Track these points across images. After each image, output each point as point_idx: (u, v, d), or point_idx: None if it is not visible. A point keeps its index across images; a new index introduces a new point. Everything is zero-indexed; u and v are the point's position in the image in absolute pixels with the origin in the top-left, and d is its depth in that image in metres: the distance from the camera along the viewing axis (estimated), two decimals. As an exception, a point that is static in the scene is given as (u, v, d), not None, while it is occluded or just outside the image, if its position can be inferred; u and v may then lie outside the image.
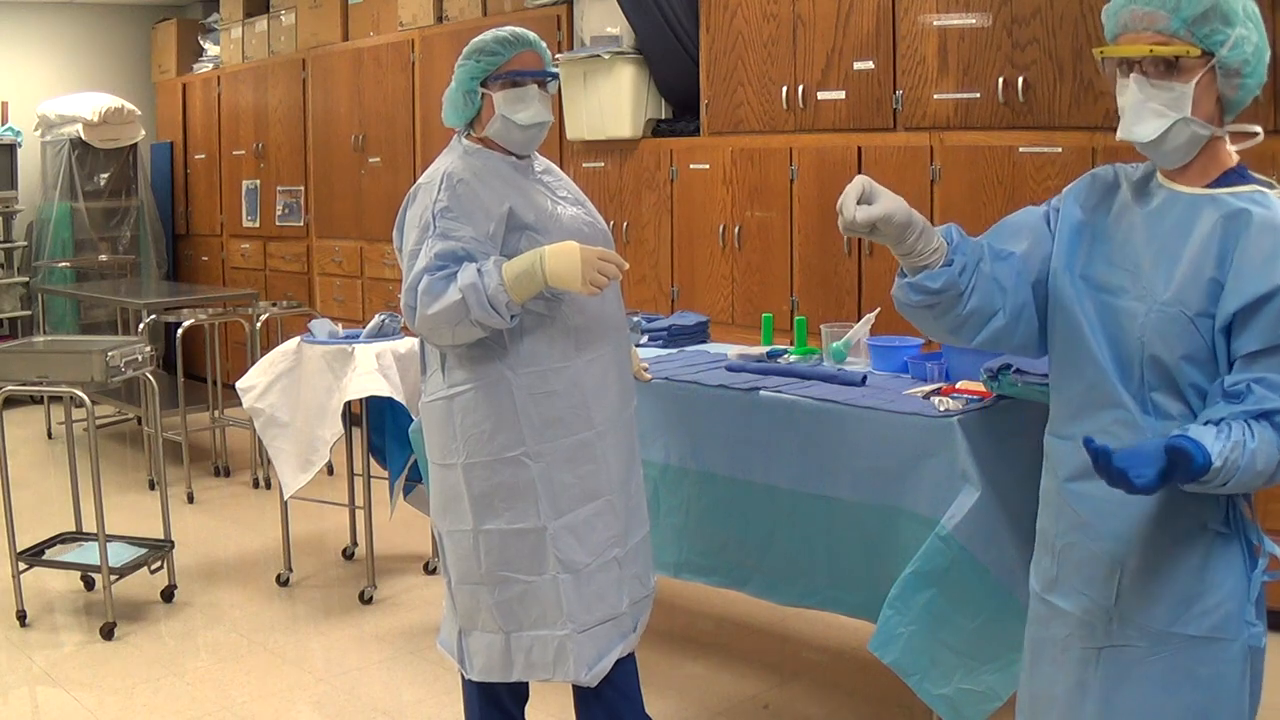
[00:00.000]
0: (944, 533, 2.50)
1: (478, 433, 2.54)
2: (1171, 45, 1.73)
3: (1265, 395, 1.66)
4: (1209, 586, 1.75)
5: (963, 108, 4.25)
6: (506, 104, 2.58)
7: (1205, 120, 1.77)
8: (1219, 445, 1.62)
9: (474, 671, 2.67)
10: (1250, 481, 1.66)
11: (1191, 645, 1.76)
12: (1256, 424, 1.65)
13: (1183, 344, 1.72)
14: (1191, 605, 1.75)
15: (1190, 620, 1.75)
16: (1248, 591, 1.75)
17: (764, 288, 4.85)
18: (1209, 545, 1.76)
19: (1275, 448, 1.65)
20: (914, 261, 1.87)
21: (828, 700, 3.41)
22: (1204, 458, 1.61)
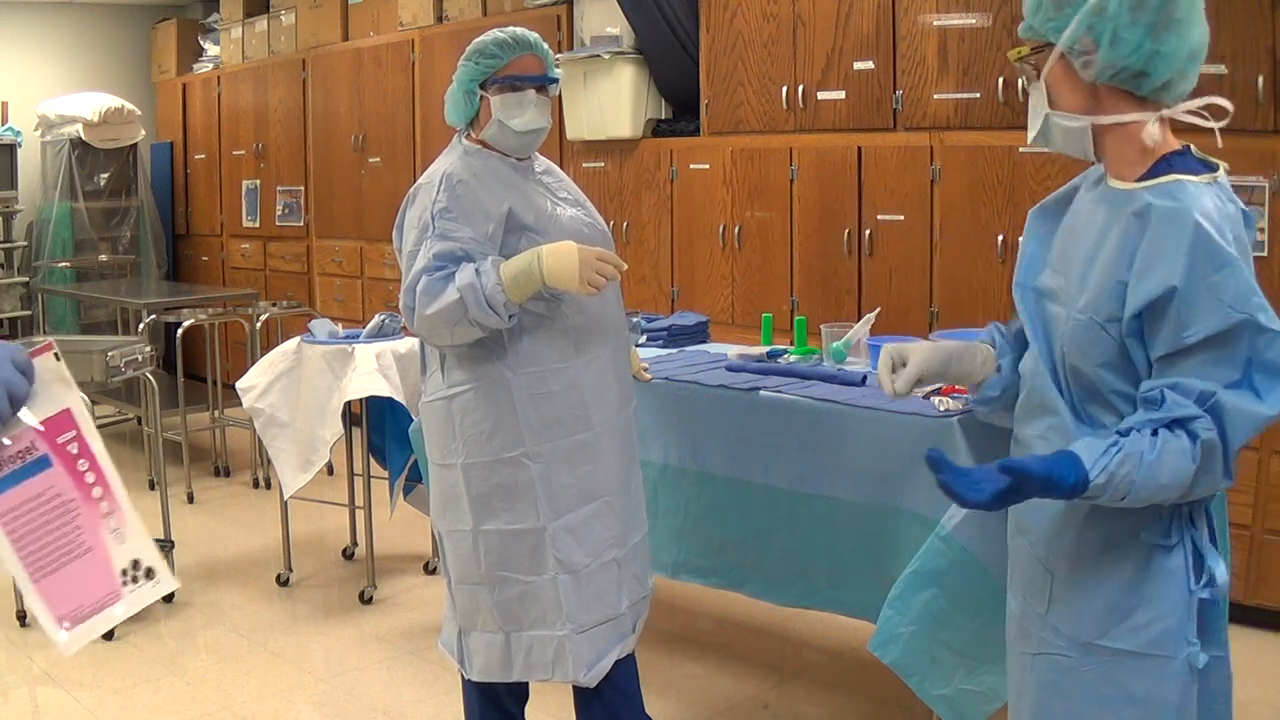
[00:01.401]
0: (944, 533, 2.50)
1: (477, 433, 2.54)
2: (1018, 48, 1.74)
3: (1177, 402, 1.57)
4: (1145, 600, 1.66)
5: (963, 108, 4.25)
6: (503, 109, 2.57)
7: (1075, 111, 1.70)
8: (1104, 461, 1.55)
9: (474, 671, 2.67)
10: (1155, 494, 1.58)
11: (1124, 660, 1.68)
12: (1166, 432, 1.57)
13: (1097, 351, 1.66)
14: (1124, 618, 1.68)
15: (1122, 634, 1.68)
16: (1187, 608, 1.65)
17: (764, 288, 4.85)
18: (1144, 558, 1.67)
19: (1188, 458, 1.56)
20: (970, 382, 1.92)
21: (828, 700, 3.40)
22: (1075, 476, 1.55)
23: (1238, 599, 3.58)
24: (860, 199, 4.52)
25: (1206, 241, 1.57)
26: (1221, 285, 1.56)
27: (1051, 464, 1.57)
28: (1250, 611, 3.71)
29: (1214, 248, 1.57)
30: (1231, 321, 1.55)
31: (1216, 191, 1.64)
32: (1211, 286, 1.56)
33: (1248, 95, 3.57)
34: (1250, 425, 1.56)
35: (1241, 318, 1.55)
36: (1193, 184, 1.62)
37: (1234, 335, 1.56)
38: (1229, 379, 1.57)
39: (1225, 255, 1.56)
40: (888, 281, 4.47)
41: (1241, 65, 3.59)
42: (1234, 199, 1.66)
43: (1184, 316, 1.57)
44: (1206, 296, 1.56)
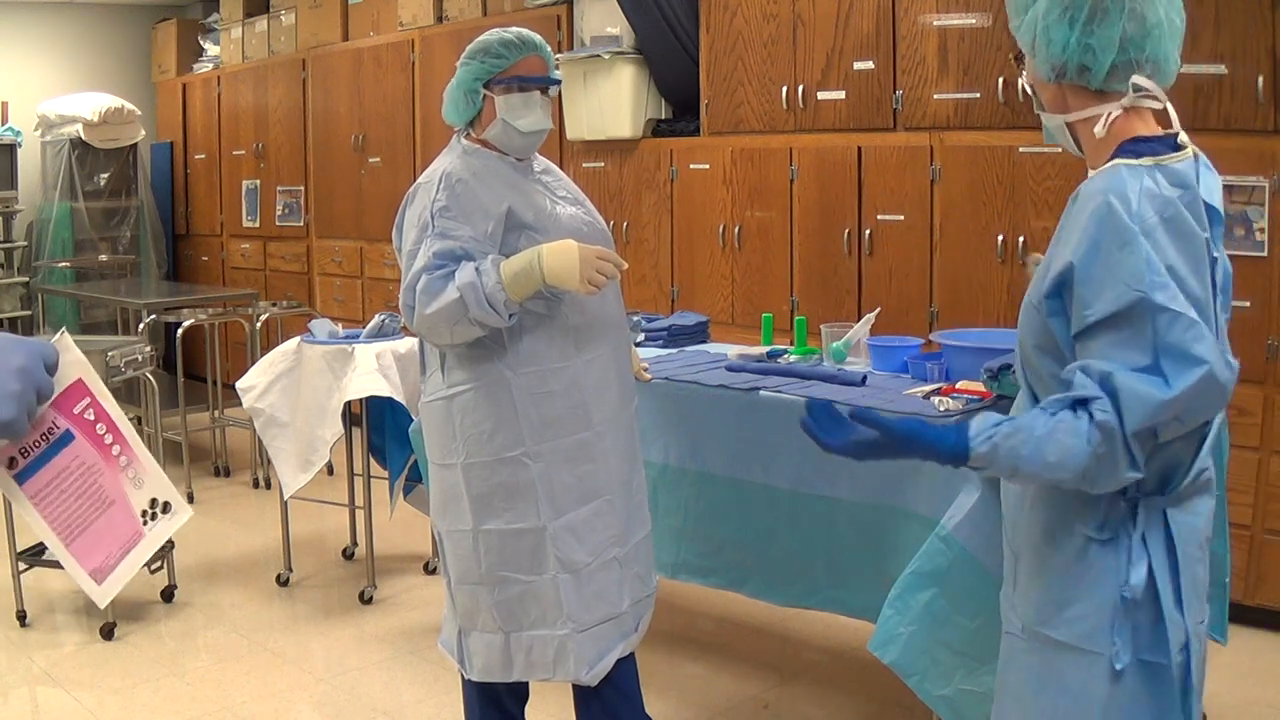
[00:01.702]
0: (944, 533, 2.49)
1: (477, 433, 2.54)
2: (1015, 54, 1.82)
3: (1082, 383, 1.56)
4: (1080, 593, 1.66)
5: (963, 108, 4.25)
6: (509, 109, 2.57)
7: (1052, 110, 1.75)
8: (990, 431, 1.57)
9: (474, 671, 2.67)
10: (1045, 472, 1.56)
11: (1059, 650, 1.69)
12: (1068, 413, 1.55)
13: (1031, 333, 1.68)
14: (1061, 609, 1.68)
15: (1058, 624, 1.68)
16: (1116, 607, 1.64)
17: (764, 288, 4.85)
18: (1081, 550, 1.67)
19: (1082, 439, 1.53)
20: None
21: (828, 700, 3.40)
22: (954, 440, 1.57)
23: (1238, 599, 3.58)
24: (860, 199, 4.52)
25: (1111, 218, 1.56)
26: (1121, 263, 1.54)
27: (930, 426, 1.61)
28: (1250, 611, 3.71)
29: (1118, 224, 1.55)
30: (1127, 300, 1.53)
31: (1154, 173, 1.60)
32: (1111, 265, 1.55)
33: (1248, 95, 3.57)
34: (1145, 408, 1.52)
35: (1136, 296, 1.53)
36: (1127, 166, 1.61)
37: (1133, 315, 1.54)
38: (1137, 362, 1.54)
39: (1128, 232, 1.54)
40: (888, 281, 4.47)
41: (1241, 65, 3.59)
42: (1184, 184, 1.61)
43: (1085, 295, 1.57)
44: (1105, 275, 1.55)
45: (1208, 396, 1.54)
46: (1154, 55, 1.66)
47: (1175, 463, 1.66)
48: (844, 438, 1.61)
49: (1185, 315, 1.52)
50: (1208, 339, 1.53)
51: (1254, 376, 3.59)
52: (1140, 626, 1.65)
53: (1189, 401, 1.52)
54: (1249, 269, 3.54)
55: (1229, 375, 1.54)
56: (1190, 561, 1.67)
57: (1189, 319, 1.52)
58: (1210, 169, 1.70)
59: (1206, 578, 1.73)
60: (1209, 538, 1.73)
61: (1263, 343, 3.58)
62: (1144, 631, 1.65)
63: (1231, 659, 3.42)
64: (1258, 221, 3.56)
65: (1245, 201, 3.57)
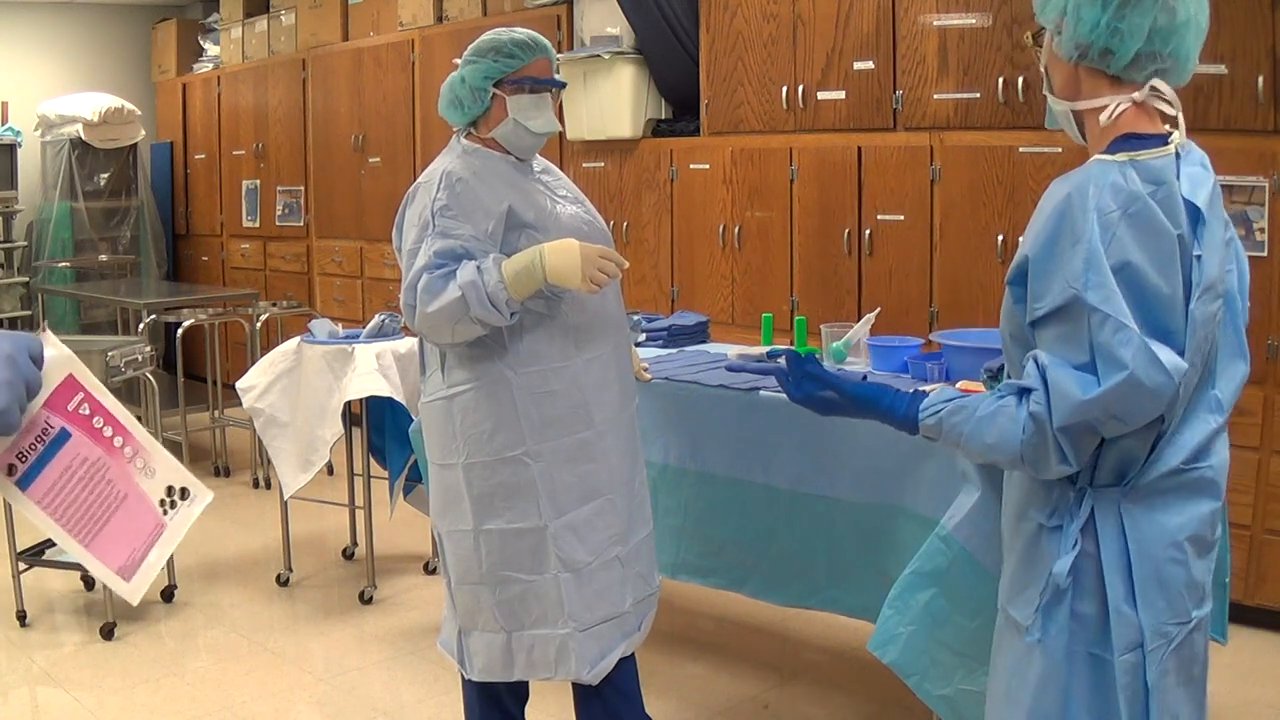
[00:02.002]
0: (944, 533, 2.49)
1: (478, 433, 2.54)
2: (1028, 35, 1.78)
3: (1029, 371, 1.61)
4: (1032, 577, 1.72)
5: (963, 108, 4.25)
6: (521, 109, 2.57)
7: (1062, 95, 1.73)
8: (938, 405, 1.64)
9: (474, 671, 2.67)
10: (986, 452, 1.64)
11: (1014, 628, 1.76)
12: (1013, 399, 1.61)
13: (1008, 322, 1.72)
14: (1019, 590, 1.74)
15: (1017, 604, 1.75)
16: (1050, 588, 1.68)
17: (764, 288, 4.85)
18: (1035, 535, 1.72)
19: (1018, 426, 1.59)
20: None
21: (828, 700, 3.40)
22: (905, 409, 1.68)
23: (1238, 599, 3.58)
24: (860, 199, 4.52)
25: (1069, 214, 1.57)
26: (1067, 260, 1.56)
27: (887, 393, 1.70)
28: (1250, 611, 3.71)
29: (1074, 221, 1.56)
30: (1065, 298, 1.56)
31: (1127, 169, 1.59)
32: (1061, 261, 1.57)
33: (1248, 95, 3.57)
34: (1067, 406, 1.56)
35: (1072, 294, 1.55)
36: (1101, 161, 1.62)
37: (1070, 312, 1.56)
38: (1077, 359, 1.57)
39: (1080, 230, 1.56)
40: (888, 281, 4.47)
41: (1241, 65, 3.59)
42: (1158, 180, 1.60)
43: (1036, 288, 1.61)
44: (1055, 270, 1.57)
45: (1133, 400, 1.55)
46: (1177, 51, 1.66)
47: (1129, 458, 1.65)
48: (809, 391, 1.73)
49: (1114, 318, 1.53)
50: (1135, 343, 1.53)
51: (1254, 376, 3.55)
52: (1084, 617, 1.67)
53: (1112, 404, 1.54)
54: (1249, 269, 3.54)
55: (1160, 380, 1.53)
56: (1155, 561, 1.65)
57: (1117, 322, 1.53)
58: (1203, 167, 1.68)
59: (1204, 580, 1.70)
60: (1200, 539, 1.68)
61: (1263, 343, 3.58)
62: (1088, 623, 1.67)
63: (1231, 659, 3.42)
64: (1258, 221, 3.56)
65: (1245, 201, 3.57)
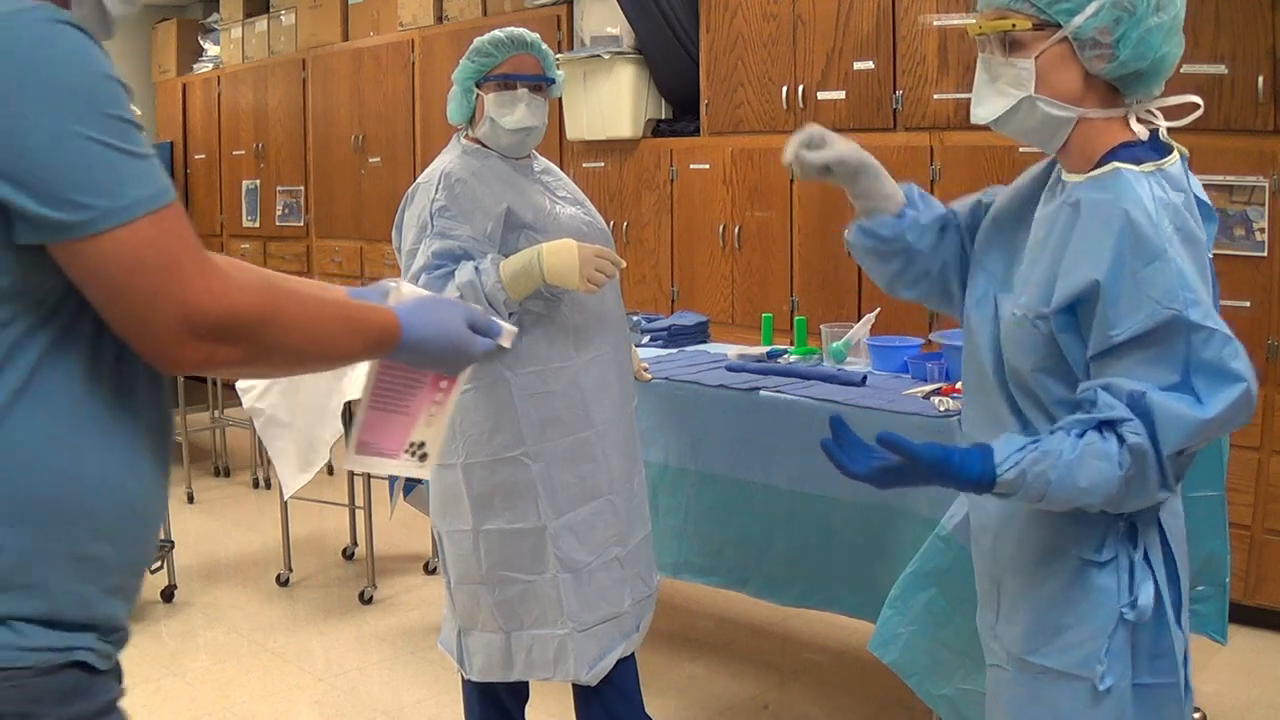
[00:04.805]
0: (944, 533, 2.49)
1: (477, 433, 2.54)
2: (1005, 19, 1.57)
3: (1107, 403, 1.47)
4: (1076, 619, 1.59)
5: (963, 108, 4.25)
6: (494, 106, 2.58)
7: (1064, 99, 1.58)
8: (1016, 456, 1.46)
9: (474, 671, 2.67)
10: (1076, 497, 1.48)
11: (1055, 679, 1.61)
12: (1095, 434, 1.47)
13: (1034, 354, 1.58)
14: (1056, 636, 1.60)
15: (1052, 652, 1.61)
16: (1114, 629, 1.57)
17: (764, 288, 4.85)
18: (1077, 573, 1.59)
19: (1113, 463, 1.46)
20: (867, 205, 1.85)
21: (828, 700, 3.40)
22: (980, 468, 1.46)
23: (1238, 599, 3.58)
24: (860, 199, 4.52)
25: (1135, 233, 1.48)
26: (1149, 280, 1.47)
27: (955, 452, 1.48)
28: (1250, 611, 3.71)
29: (1143, 240, 1.48)
30: (1160, 319, 1.46)
31: (1158, 180, 1.54)
32: (1139, 281, 1.47)
33: (1248, 95, 3.57)
34: (1183, 430, 1.45)
35: (1170, 314, 1.45)
36: (1130, 172, 1.54)
37: (1165, 333, 1.46)
38: (1166, 380, 1.47)
39: (1155, 248, 1.47)
40: (888, 281, 4.46)
41: (1241, 65, 3.59)
42: (1182, 187, 1.56)
43: (1111, 313, 1.48)
44: (1133, 292, 1.47)
45: (1244, 411, 1.48)
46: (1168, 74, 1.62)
47: (1183, 470, 1.58)
48: (868, 464, 1.50)
49: (1220, 332, 1.46)
50: (1243, 354, 1.47)
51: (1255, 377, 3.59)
52: (1140, 646, 1.59)
53: (1227, 419, 1.47)
54: (1249, 269, 3.55)
55: (1255, 387, 1.49)
56: (1183, 569, 1.62)
57: (1224, 335, 1.46)
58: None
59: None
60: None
61: (1263, 343, 3.57)
62: (1144, 652, 1.59)
63: (1231, 659, 3.42)
64: (1258, 221, 3.56)
65: (1245, 201, 3.57)
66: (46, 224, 1.13)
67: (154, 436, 1.30)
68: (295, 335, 1.26)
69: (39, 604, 1.16)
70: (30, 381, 1.17)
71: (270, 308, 1.22)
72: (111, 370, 1.24)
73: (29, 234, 1.14)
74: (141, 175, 1.17)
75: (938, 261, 1.86)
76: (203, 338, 1.17)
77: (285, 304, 1.24)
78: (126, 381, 1.26)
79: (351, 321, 1.35)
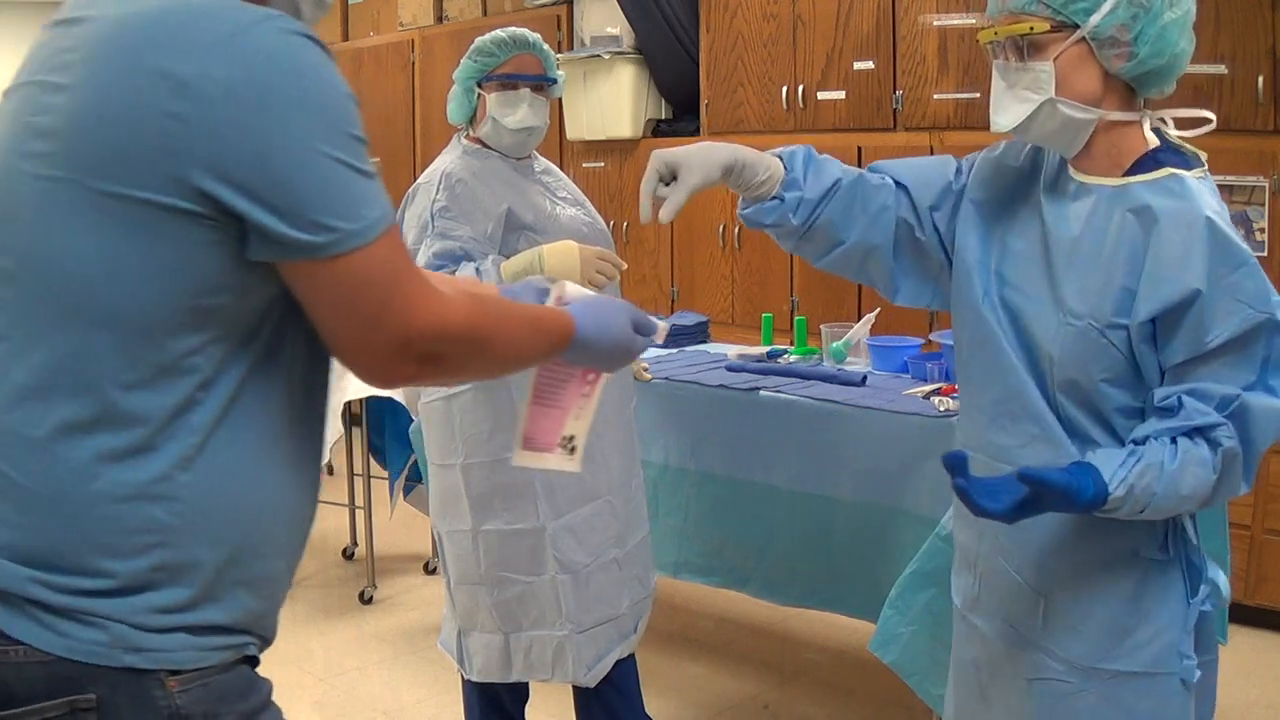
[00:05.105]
0: (944, 533, 2.49)
1: (477, 433, 2.54)
2: (1021, 23, 1.55)
3: (1196, 409, 1.49)
4: (1144, 618, 1.60)
5: (963, 108, 4.25)
6: (497, 106, 2.58)
7: (1085, 101, 1.57)
8: (1123, 473, 1.47)
9: (473, 672, 2.67)
10: (1177, 506, 1.51)
11: (1127, 680, 1.62)
12: (1187, 441, 1.49)
13: (1100, 364, 1.56)
14: (1125, 638, 1.61)
15: (1123, 655, 1.61)
16: (1185, 622, 1.60)
17: (764, 288, 4.85)
18: (1143, 574, 1.61)
19: (1209, 468, 1.49)
20: (748, 194, 1.86)
21: (828, 700, 3.40)
22: (1094, 488, 1.47)
23: (1238, 599, 3.58)
24: (860, 199, 4.52)
25: (1222, 240, 1.50)
26: (1239, 285, 1.49)
27: (1070, 475, 1.48)
28: (1250, 611, 3.71)
29: (1230, 246, 1.50)
30: (1253, 322, 1.48)
31: (1211, 186, 1.57)
32: (1229, 287, 1.49)
33: (1248, 95, 3.57)
34: (1277, 425, 1.51)
35: (1263, 317, 1.48)
36: (1191, 179, 1.55)
37: (1254, 336, 1.49)
38: (1246, 380, 1.50)
39: (1241, 253, 1.50)
40: (888, 281, 4.46)
41: (1241, 65, 3.59)
42: (1216, 194, 1.59)
43: (1206, 320, 1.49)
44: (1225, 298, 1.48)
45: None
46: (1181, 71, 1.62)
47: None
48: (1005, 504, 1.48)
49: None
50: None
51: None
52: (1201, 634, 1.64)
53: None
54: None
55: None
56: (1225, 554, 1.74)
57: None
58: None
59: None
60: None
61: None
62: (1205, 638, 1.65)
63: (1231, 659, 3.41)
64: (1258, 221, 3.56)
65: (1245, 201, 3.57)
66: (288, 243, 1.12)
67: (319, 450, 1.33)
68: (497, 346, 1.29)
69: (222, 616, 1.21)
70: (235, 400, 1.18)
71: (477, 322, 1.24)
72: (301, 388, 1.26)
73: (265, 251, 1.14)
74: (375, 195, 1.17)
75: (858, 239, 1.81)
76: (419, 355, 1.18)
77: (488, 316, 1.27)
78: (311, 398, 1.28)
79: (537, 326, 1.39)
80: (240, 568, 1.22)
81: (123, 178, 1.10)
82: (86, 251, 1.11)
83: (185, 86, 1.09)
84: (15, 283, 1.15)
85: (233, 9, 1.13)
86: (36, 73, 1.22)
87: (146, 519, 1.15)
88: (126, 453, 1.14)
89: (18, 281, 1.14)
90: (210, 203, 1.11)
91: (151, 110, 1.09)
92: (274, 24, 1.13)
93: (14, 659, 1.12)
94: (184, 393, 1.15)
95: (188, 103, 1.09)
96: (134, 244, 1.11)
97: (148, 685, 1.15)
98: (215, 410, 1.17)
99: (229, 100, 1.09)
